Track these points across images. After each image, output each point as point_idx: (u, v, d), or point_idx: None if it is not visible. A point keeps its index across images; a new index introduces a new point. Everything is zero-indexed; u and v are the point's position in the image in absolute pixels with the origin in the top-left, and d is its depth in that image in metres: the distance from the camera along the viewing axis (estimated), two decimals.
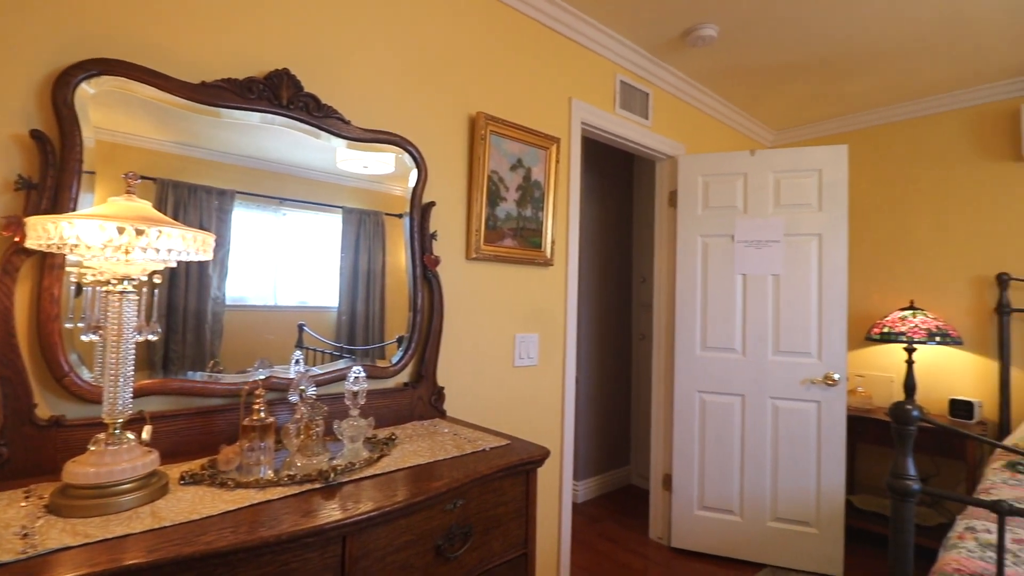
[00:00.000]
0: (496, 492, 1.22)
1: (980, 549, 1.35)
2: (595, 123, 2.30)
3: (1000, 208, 2.70)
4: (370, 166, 1.56)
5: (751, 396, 2.48)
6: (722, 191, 2.57)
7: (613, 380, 3.50)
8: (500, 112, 1.95)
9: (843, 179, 2.40)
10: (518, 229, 1.97)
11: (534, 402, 2.06)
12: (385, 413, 1.54)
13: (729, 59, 2.50)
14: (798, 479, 2.40)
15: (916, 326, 2.61)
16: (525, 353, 2.02)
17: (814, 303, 2.41)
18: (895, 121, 3.07)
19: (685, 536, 2.56)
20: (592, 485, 3.30)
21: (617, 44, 2.34)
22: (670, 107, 2.74)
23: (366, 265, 1.55)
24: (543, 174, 2.06)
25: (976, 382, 2.74)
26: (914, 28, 2.19)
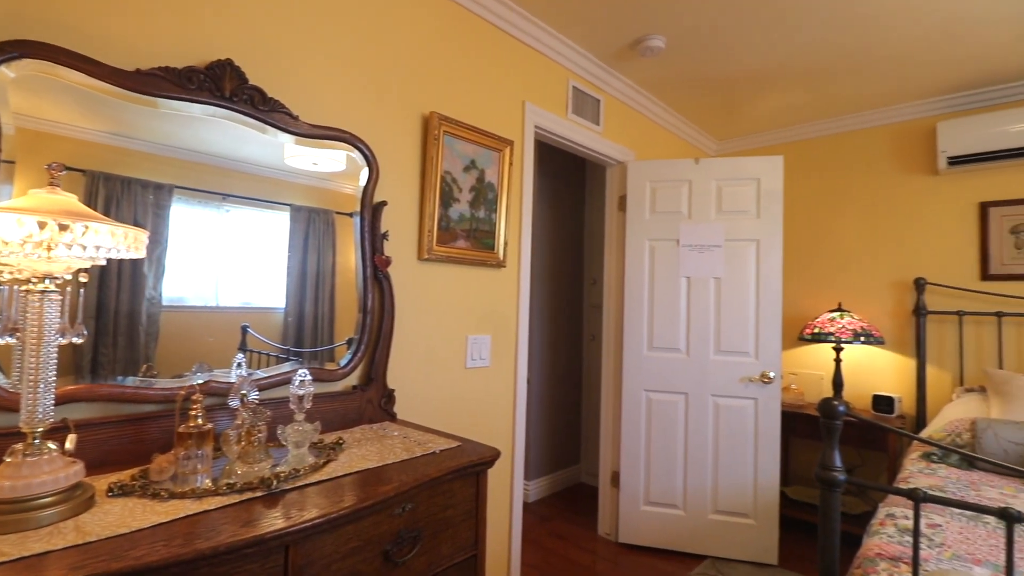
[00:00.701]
0: (446, 494, 1.22)
1: (899, 534, 1.46)
2: (548, 127, 2.34)
3: (918, 218, 2.93)
4: (320, 163, 1.53)
5: (694, 394, 2.58)
6: (668, 197, 2.66)
7: (564, 380, 3.56)
8: (454, 113, 1.94)
9: (779, 188, 2.54)
10: (471, 230, 1.98)
11: (486, 403, 2.07)
12: (333, 417, 1.51)
13: (676, 70, 2.60)
14: (737, 473, 2.52)
15: (843, 327, 2.80)
16: (477, 354, 2.02)
17: (752, 305, 2.54)
18: (827, 134, 3.28)
19: (632, 531, 2.63)
20: (543, 484, 3.34)
21: (570, 51, 2.39)
22: (620, 114, 2.82)
23: (315, 265, 1.51)
24: (497, 176, 2.07)
25: (896, 379, 2.96)
26: (843, 49, 2.35)
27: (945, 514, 1.59)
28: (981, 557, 1.31)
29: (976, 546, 1.38)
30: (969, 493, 1.77)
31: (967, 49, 2.32)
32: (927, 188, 2.91)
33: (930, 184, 2.90)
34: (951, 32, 2.19)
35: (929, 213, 2.90)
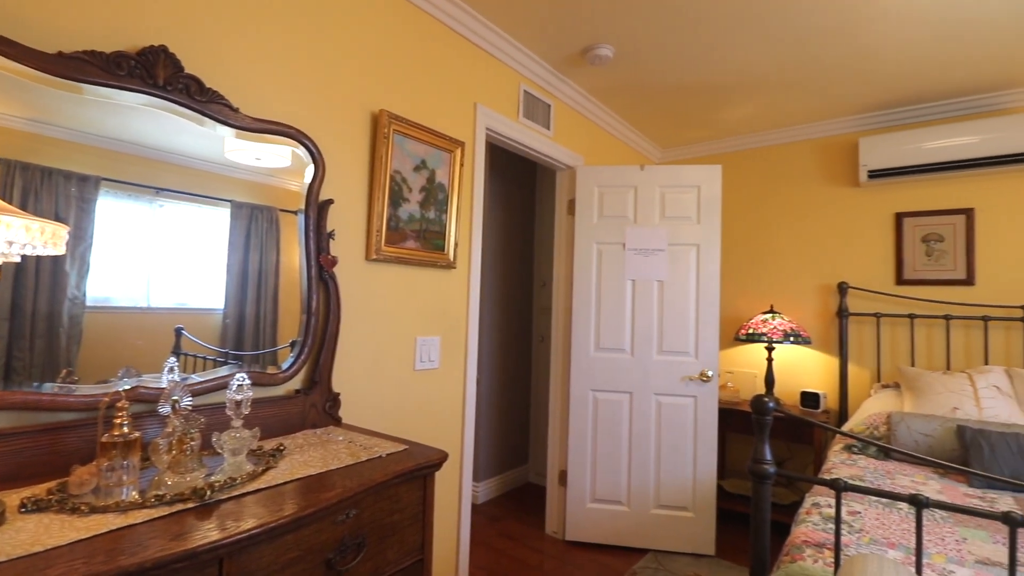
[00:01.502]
0: (392, 499, 1.20)
1: (823, 522, 1.56)
2: (499, 130, 2.35)
3: (842, 227, 3.16)
4: (263, 158, 1.47)
5: (638, 393, 2.66)
6: (615, 202, 2.74)
7: (514, 381, 3.58)
8: (405, 112, 1.92)
9: (718, 195, 2.67)
10: (421, 231, 1.96)
11: (435, 406, 2.06)
12: (273, 423, 1.45)
13: (623, 79, 2.68)
14: (678, 468, 2.63)
15: (775, 327, 2.97)
16: (426, 356, 2.00)
17: (692, 307, 2.66)
18: (762, 146, 3.47)
19: (578, 528, 2.68)
20: (492, 485, 3.35)
21: (522, 55, 2.41)
22: (570, 119, 2.87)
23: (257, 264, 1.45)
24: (447, 177, 2.06)
25: (822, 376, 3.17)
26: (777, 66, 2.49)
27: (864, 502, 1.71)
28: (895, 541, 1.43)
29: (891, 531, 1.50)
30: (885, 481, 1.92)
31: (887, 71, 2.52)
32: (850, 199, 3.14)
33: (853, 195, 3.13)
34: (872, 55, 2.37)
35: (852, 222, 3.12)
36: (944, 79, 2.57)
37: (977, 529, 1.51)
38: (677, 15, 2.10)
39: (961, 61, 2.39)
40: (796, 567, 1.27)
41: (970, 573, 1.25)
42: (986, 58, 2.36)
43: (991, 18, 2.05)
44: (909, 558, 1.32)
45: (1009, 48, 2.27)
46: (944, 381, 2.43)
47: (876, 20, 2.08)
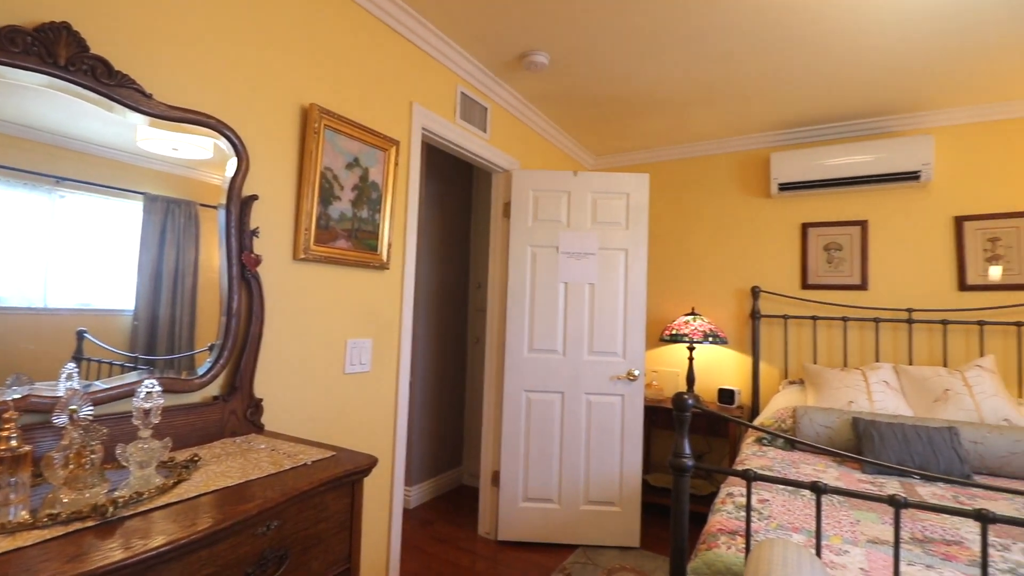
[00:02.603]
0: (317, 508, 1.17)
1: (736, 510, 1.67)
2: (436, 130, 2.33)
3: (755, 235, 3.40)
4: (181, 149, 1.38)
5: (569, 393, 2.73)
6: (550, 206, 2.79)
7: (448, 383, 3.56)
8: (337, 107, 1.86)
9: (645, 203, 2.80)
10: (353, 230, 1.91)
11: (366, 410, 2.01)
12: (188, 432, 1.36)
13: (558, 86, 2.74)
14: (606, 465, 2.72)
15: (696, 328, 3.15)
16: (357, 359, 1.95)
17: (620, 309, 2.77)
18: (685, 157, 3.67)
19: (510, 528, 2.71)
20: (425, 489, 3.31)
21: (459, 57, 2.41)
22: (507, 123, 2.90)
23: (173, 262, 1.36)
24: (381, 175, 2.02)
25: (737, 374, 3.40)
26: (698, 83, 2.65)
27: (772, 490, 1.86)
28: (799, 525, 1.56)
29: (795, 516, 1.63)
30: (791, 470, 2.09)
31: (796, 93, 2.74)
32: (763, 209, 3.38)
33: (765, 206, 3.38)
34: (783, 77, 2.57)
35: (764, 231, 3.37)
36: (845, 103, 2.84)
37: (869, 512, 1.67)
38: (608, 30, 2.18)
39: (859, 87, 2.65)
40: (711, 554, 1.35)
41: (862, 552, 1.38)
42: (880, 86, 2.63)
43: (884, 51, 2.29)
44: (811, 541, 1.45)
45: (899, 78, 2.54)
46: (841, 377, 2.67)
47: (786, 47, 2.27)
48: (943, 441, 2.06)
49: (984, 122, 2.83)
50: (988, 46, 2.22)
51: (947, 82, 2.55)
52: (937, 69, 2.43)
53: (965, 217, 2.83)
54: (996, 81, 2.53)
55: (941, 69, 2.43)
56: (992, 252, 2.76)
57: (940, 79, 2.53)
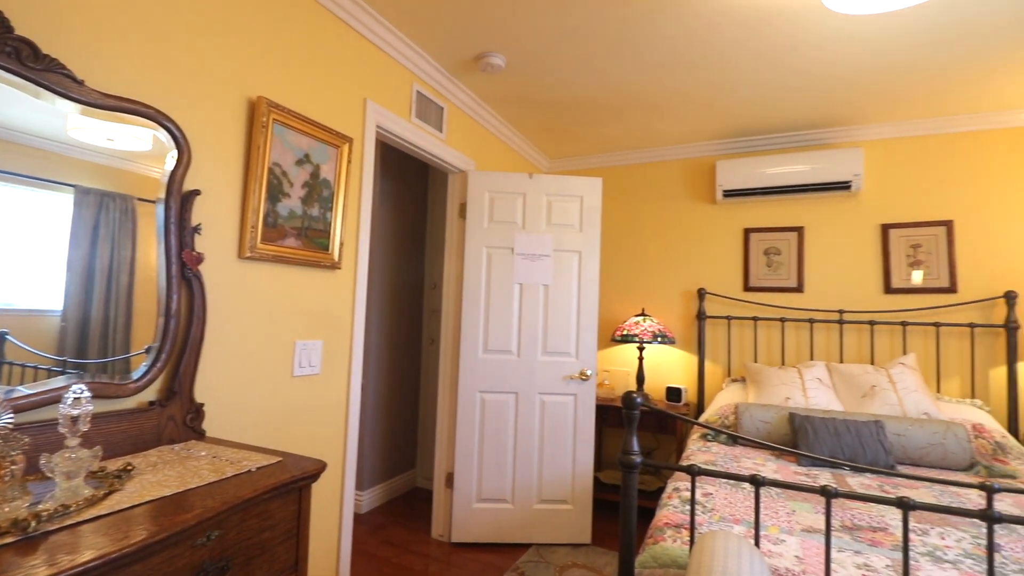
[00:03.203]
0: (262, 516, 1.13)
1: (682, 504, 1.73)
2: (390, 128, 2.30)
3: (702, 239, 3.53)
4: (117, 140, 1.30)
5: (523, 393, 2.76)
6: (505, 207, 2.81)
7: (402, 385, 3.51)
8: (287, 101, 1.81)
9: (598, 206, 2.86)
10: (303, 228, 1.85)
11: (315, 413, 1.95)
12: (121, 439, 1.29)
13: (514, 89, 2.76)
14: (558, 463, 2.76)
15: (645, 329, 3.24)
16: (306, 361, 1.90)
17: (574, 310, 2.81)
18: (637, 163, 3.77)
19: (464, 530, 2.70)
20: (377, 493, 3.25)
21: (416, 55, 2.38)
22: (463, 124, 2.89)
23: (107, 259, 1.28)
24: (333, 173, 1.98)
25: (684, 372, 3.52)
26: (649, 92, 2.73)
27: (716, 484, 1.94)
28: (740, 517, 1.63)
29: (737, 508, 1.71)
30: (733, 465, 2.18)
31: (740, 104, 2.87)
32: (708, 214, 3.53)
33: (711, 211, 3.52)
34: (729, 88, 2.69)
35: (710, 235, 3.51)
36: (785, 115, 3.00)
37: (804, 502, 1.77)
38: (564, 36, 2.21)
39: (799, 101, 2.81)
40: (658, 548, 1.40)
41: (797, 540, 1.47)
42: (817, 100, 2.79)
43: (823, 67, 2.43)
44: (751, 531, 1.52)
45: (835, 93, 2.70)
46: (779, 375, 2.82)
47: (733, 60, 2.37)
48: (870, 434, 2.21)
49: (908, 137, 3.06)
50: (914, 68, 2.40)
51: (877, 99, 2.74)
52: (869, 87, 2.60)
53: (890, 225, 3.04)
54: (920, 100, 2.74)
55: (872, 87, 2.60)
56: (914, 258, 2.99)
57: (871, 96, 2.71)
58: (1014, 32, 2.08)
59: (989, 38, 2.13)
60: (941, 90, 2.61)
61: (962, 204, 2.92)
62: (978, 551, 1.41)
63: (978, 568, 1.31)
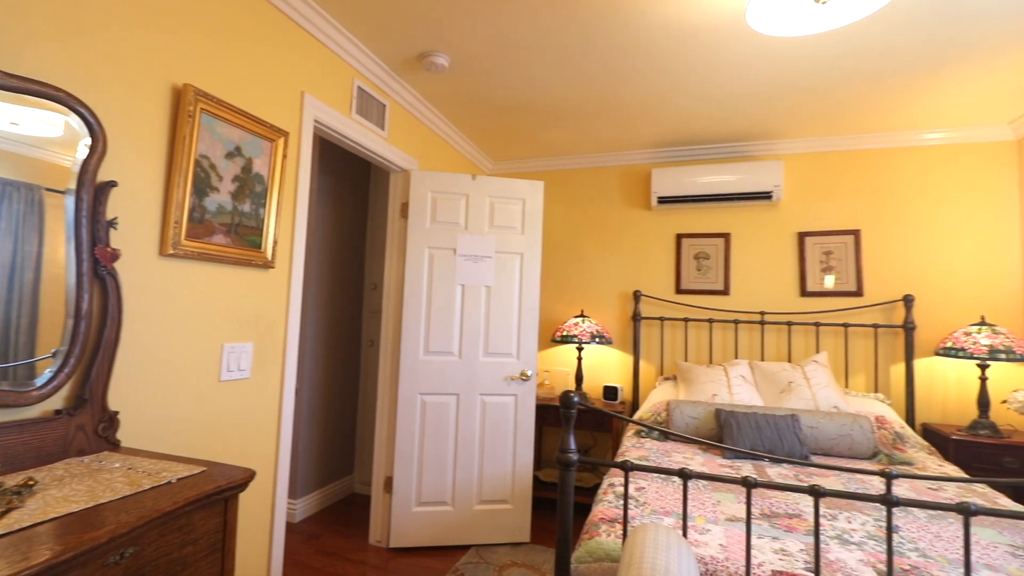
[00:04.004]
0: (184, 530, 1.06)
1: (616, 499, 1.79)
2: (330, 123, 2.23)
3: (638, 243, 3.67)
4: (23, 124, 1.18)
5: (465, 394, 2.75)
6: (448, 208, 2.80)
7: (340, 388, 3.41)
8: (216, 91, 1.71)
9: (540, 209, 2.91)
10: (233, 225, 1.76)
11: (244, 419, 1.86)
12: (22, 452, 1.17)
13: (459, 90, 2.76)
14: (499, 463, 2.78)
15: (584, 330, 3.33)
16: (235, 365, 1.80)
17: (515, 311, 2.85)
18: (577, 168, 3.87)
19: (403, 534, 2.67)
20: (312, 500, 3.14)
21: (357, 50, 2.33)
22: (406, 122, 2.85)
23: (9, 255, 1.16)
24: (267, 167, 1.89)
25: (620, 372, 3.65)
26: (588, 99, 2.81)
27: (648, 478, 2.02)
28: (670, 509, 1.71)
29: (667, 501, 1.79)
30: (664, 459, 2.28)
31: (674, 115, 3.01)
32: (644, 219, 3.67)
33: (646, 216, 3.67)
34: (663, 100, 2.81)
35: (645, 239, 3.66)
36: (715, 127, 3.17)
37: (727, 493, 1.88)
38: (507, 40, 2.23)
39: (728, 114, 2.98)
40: (593, 543, 1.44)
41: (721, 530, 1.55)
42: (745, 115, 2.97)
43: (751, 84, 2.59)
44: (679, 523, 1.59)
45: (760, 109, 2.89)
46: (707, 373, 2.98)
47: (669, 72, 2.48)
48: (787, 427, 2.38)
49: (822, 152, 3.32)
50: (828, 89, 2.61)
51: (795, 116, 2.96)
52: (788, 104, 2.80)
53: (806, 233, 3.29)
54: (833, 118, 2.98)
55: (791, 105, 2.81)
56: (826, 264, 3.24)
57: (790, 113, 2.92)
58: (917, 61, 2.31)
59: (895, 65, 2.36)
60: (852, 110, 2.85)
61: (868, 215, 3.20)
62: (880, 532, 1.56)
63: (879, 548, 1.44)
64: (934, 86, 2.52)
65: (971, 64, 2.30)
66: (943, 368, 2.99)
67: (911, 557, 1.40)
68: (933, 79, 2.45)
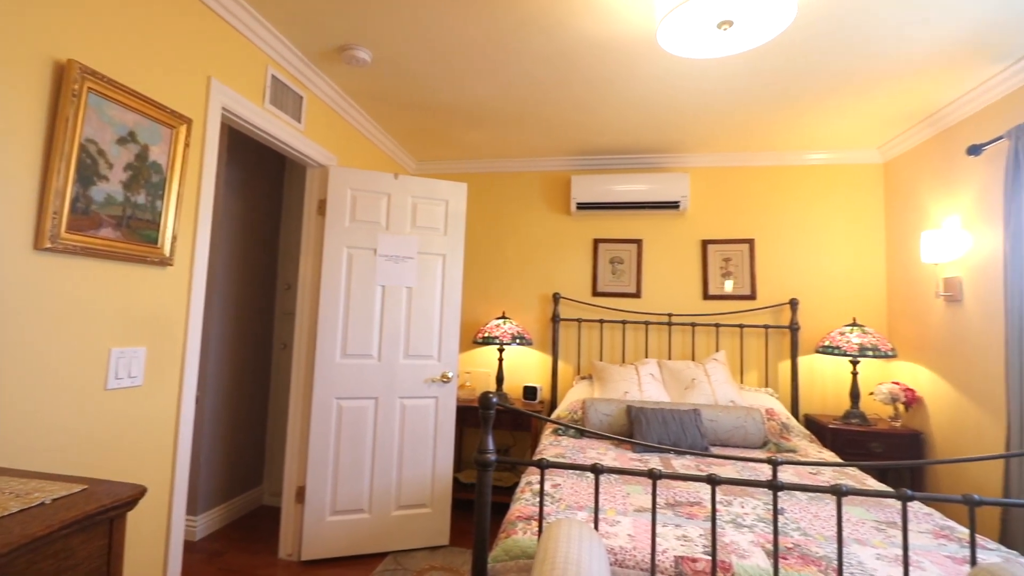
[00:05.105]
0: (59, 556, 0.96)
1: (533, 497, 1.84)
2: (240, 112, 2.10)
3: (558, 247, 3.79)
4: None
5: (384, 398, 2.69)
6: (369, 207, 2.73)
7: (248, 395, 3.20)
8: (109, 70, 1.56)
9: (462, 211, 2.91)
10: (124, 217, 1.61)
11: (136, 431, 1.70)
12: None
13: (381, 86, 2.70)
14: (418, 467, 2.75)
15: (505, 331, 3.38)
16: (125, 372, 1.65)
17: (437, 312, 2.83)
18: (501, 172, 3.92)
19: (316, 546, 2.56)
20: (216, 516, 2.93)
21: (271, 37, 2.21)
22: (325, 116, 2.75)
23: None
24: (166, 156, 1.75)
25: (540, 372, 3.74)
26: (511, 104, 2.86)
27: (564, 475, 2.09)
28: (583, 504, 1.78)
29: (581, 496, 1.86)
30: (579, 456, 2.37)
31: (593, 124, 3.14)
32: (564, 224, 3.79)
33: (566, 222, 3.79)
34: (583, 109, 2.92)
35: (565, 243, 3.78)
36: (630, 139, 3.35)
37: (636, 485, 1.99)
38: (431, 40, 2.22)
39: (642, 127, 3.15)
40: (510, 541, 1.47)
41: (630, 520, 1.64)
42: (657, 128, 3.16)
43: (664, 99, 2.76)
44: (592, 516, 1.67)
45: (671, 123, 3.08)
46: (620, 371, 3.13)
47: (589, 84, 2.59)
48: (690, 421, 2.56)
49: (723, 167, 3.60)
50: (728, 108, 2.84)
51: (700, 132, 3.19)
52: (694, 121, 3.02)
53: (709, 241, 3.56)
54: (733, 136, 3.25)
55: (696, 121, 3.02)
56: (726, 269, 3.53)
57: (695, 129, 3.14)
58: (806, 88, 2.58)
59: (788, 91, 2.61)
60: (750, 129, 3.13)
61: (762, 225, 3.52)
62: (768, 515, 1.72)
63: (768, 529, 1.60)
64: (819, 112, 2.83)
65: (850, 94, 2.61)
66: (822, 364, 3.36)
67: (794, 536, 1.56)
68: (819, 105, 2.75)
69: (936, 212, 2.86)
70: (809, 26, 2.02)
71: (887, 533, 1.60)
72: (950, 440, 2.70)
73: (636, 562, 1.39)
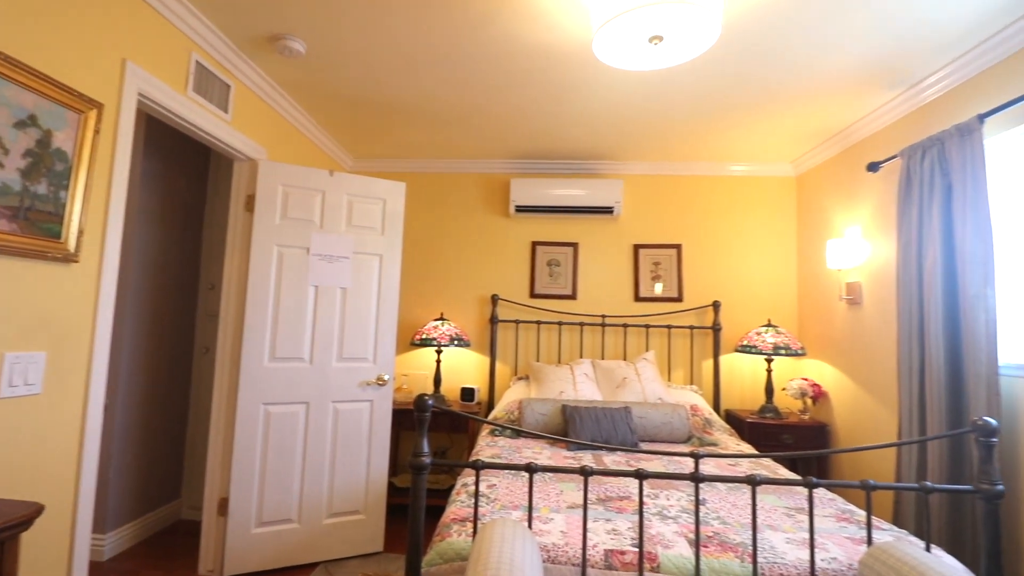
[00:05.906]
0: None
1: (469, 498, 1.84)
2: (159, 99, 1.97)
3: (497, 248, 3.82)
4: None
5: (315, 402, 2.61)
6: (301, 204, 2.63)
7: (165, 403, 2.99)
8: (5, 45, 1.41)
9: (400, 210, 2.87)
10: (22, 209, 1.47)
11: (34, 443, 1.55)
12: None
13: (316, 78, 2.61)
14: (352, 473, 2.68)
15: (443, 333, 3.36)
16: (20, 379, 1.50)
17: (373, 314, 2.77)
18: (440, 172, 3.90)
19: (240, 560, 2.43)
20: (128, 533, 2.71)
21: (196, 21, 2.08)
22: (254, 107, 2.62)
23: None
24: (73, 143, 1.61)
25: (478, 373, 3.75)
26: (451, 105, 2.86)
27: (499, 475, 2.10)
28: (518, 503, 1.80)
29: (516, 495, 1.88)
30: (515, 456, 2.40)
31: (532, 129, 3.19)
32: (503, 226, 3.83)
33: (505, 224, 3.83)
34: (522, 113, 2.96)
35: (503, 245, 3.82)
36: (568, 144, 3.43)
37: (569, 482, 2.04)
38: (367, 34, 2.18)
39: (576, 134, 3.24)
40: (445, 544, 1.47)
41: (563, 517, 1.68)
42: (594, 135, 3.26)
43: (602, 107, 2.85)
44: (526, 515, 1.70)
45: (607, 131, 3.19)
46: (556, 371, 3.20)
47: (528, 88, 2.63)
48: (621, 418, 2.66)
49: (654, 175, 3.77)
50: (664, 119, 2.98)
51: (632, 141, 3.33)
52: (626, 130, 3.14)
53: (640, 245, 3.72)
54: (663, 146, 3.41)
55: (628, 130, 3.15)
56: (655, 273, 3.69)
57: (628, 138, 3.27)
58: (729, 102, 2.75)
59: (713, 105, 2.77)
60: (679, 139, 3.29)
61: (688, 232, 3.72)
62: (691, 506, 1.82)
63: (691, 520, 1.69)
64: (741, 126, 3.03)
65: (768, 111, 2.81)
66: (741, 363, 3.59)
67: (714, 525, 1.66)
68: (742, 120, 2.94)
69: (840, 222, 3.14)
70: (732, 43, 2.17)
71: (796, 519, 1.74)
72: (851, 430, 2.97)
73: (568, 558, 1.43)
